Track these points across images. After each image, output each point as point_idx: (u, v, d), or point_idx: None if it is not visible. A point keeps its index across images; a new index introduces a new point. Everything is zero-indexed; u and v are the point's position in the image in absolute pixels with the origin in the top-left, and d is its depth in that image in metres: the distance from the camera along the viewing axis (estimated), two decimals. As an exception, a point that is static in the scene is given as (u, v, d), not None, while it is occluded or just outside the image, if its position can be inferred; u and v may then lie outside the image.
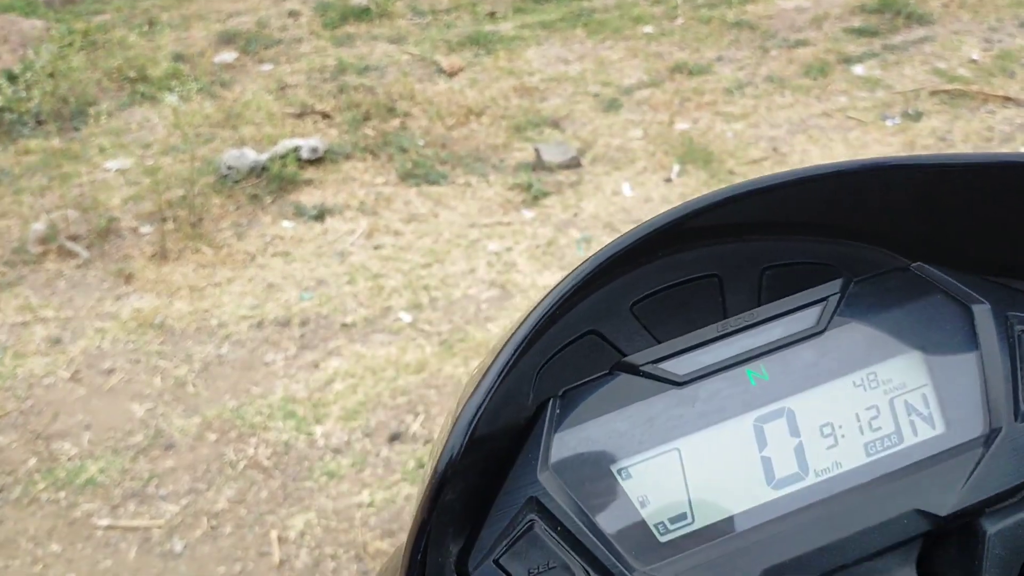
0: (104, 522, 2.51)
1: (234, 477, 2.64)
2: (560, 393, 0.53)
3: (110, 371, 3.09)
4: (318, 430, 2.78)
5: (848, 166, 0.51)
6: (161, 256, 3.64)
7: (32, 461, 2.72)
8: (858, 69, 4.90)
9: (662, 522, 0.50)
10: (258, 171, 4.11)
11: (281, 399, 2.91)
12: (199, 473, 2.66)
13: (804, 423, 0.51)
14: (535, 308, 0.48)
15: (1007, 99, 4.49)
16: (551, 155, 4.17)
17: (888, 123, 4.34)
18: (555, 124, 4.58)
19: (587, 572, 0.49)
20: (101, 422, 2.87)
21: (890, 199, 0.54)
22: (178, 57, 5.43)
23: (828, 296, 0.54)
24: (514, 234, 3.70)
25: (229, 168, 4.09)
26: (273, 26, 6.01)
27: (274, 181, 4.04)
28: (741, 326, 0.54)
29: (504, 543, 0.49)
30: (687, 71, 5.00)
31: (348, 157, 4.33)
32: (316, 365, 3.05)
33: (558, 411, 0.52)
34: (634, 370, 0.53)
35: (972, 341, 0.52)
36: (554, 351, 0.56)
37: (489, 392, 0.45)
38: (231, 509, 2.54)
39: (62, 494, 2.61)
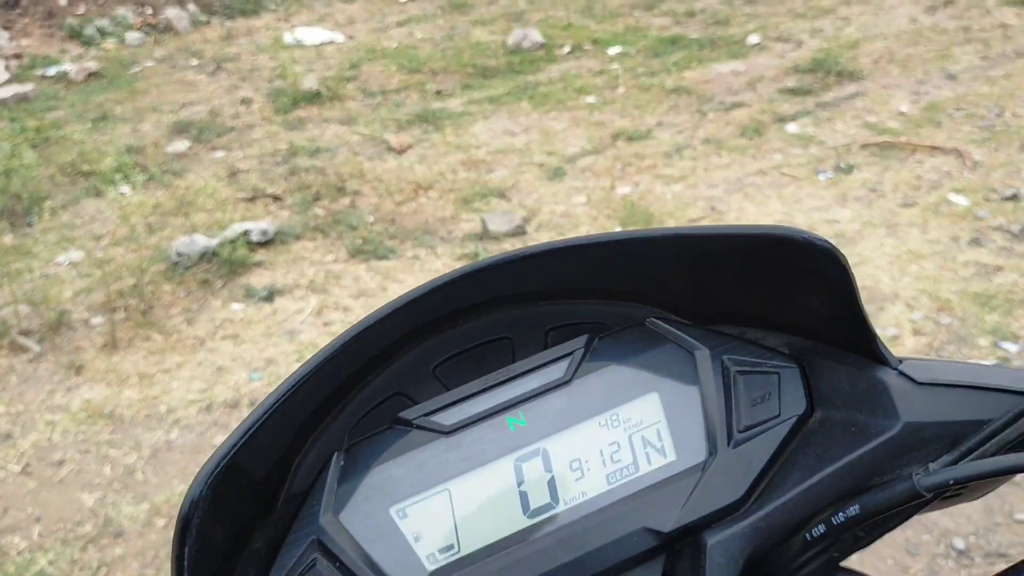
0: (50, 617, 2.48)
1: (182, 563, 2.62)
2: (345, 447, 0.60)
3: (60, 463, 3.08)
4: (267, 510, 2.78)
5: (571, 243, 0.60)
6: (111, 346, 3.66)
7: (-23, 559, 2.70)
8: (792, 127, 5.08)
9: (432, 553, 0.56)
10: (208, 256, 4.16)
11: (230, 481, 2.91)
12: (148, 559, 2.65)
13: (556, 460, 0.59)
14: (268, 397, 0.55)
15: (934, 148, 4.67)
16: (497, 224, 4.28)
17: (821, 177, 4.49)
18: (501, 194, 4.69)
19: None
20: (51, 514, 2.86)
21: (631, 267, 0.63)
22: (131, 149, 5.52)
23: (574, 351, 0.62)
24: (462, 304, 3.76)
25: (179, 255, 4.14)
26: (226, 114, 6.14)
27: (224, 265, 4.09)
28: (501, 380, 0.61)
29: None
30: (628, 137, 5.16)
31: (298, 237, 4.40)
32: (266, 445, 3.06)
33: (342, 463, 0.59)
34: (408, 424, 0.60)
35: (696, 381, 0.60)
36: (365, 411, 0.64)
37: (218, 465, 0.52)
38: (179, 595, 2.52)
39: (7, 591, 2.58)
